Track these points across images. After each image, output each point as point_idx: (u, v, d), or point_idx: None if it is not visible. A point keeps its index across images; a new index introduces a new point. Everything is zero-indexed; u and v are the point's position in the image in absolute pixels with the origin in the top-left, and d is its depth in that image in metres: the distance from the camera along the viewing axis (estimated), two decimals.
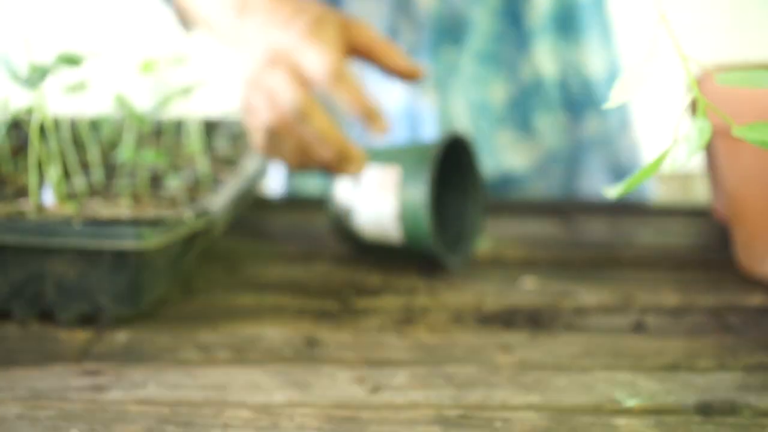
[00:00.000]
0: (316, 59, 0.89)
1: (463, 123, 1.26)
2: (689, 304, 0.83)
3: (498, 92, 1.29)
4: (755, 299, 0.84)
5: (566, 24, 1.32)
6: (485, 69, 1.29)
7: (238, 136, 1.15)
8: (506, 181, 1.29)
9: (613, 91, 0.53)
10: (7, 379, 0.65)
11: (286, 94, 0.89)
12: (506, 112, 1.30)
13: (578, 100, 1.31)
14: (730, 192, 0.92)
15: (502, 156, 1.29)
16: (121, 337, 0.73)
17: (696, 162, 0.89)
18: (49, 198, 0.82)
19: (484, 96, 1.28)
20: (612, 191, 0.54)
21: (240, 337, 0.74)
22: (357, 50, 0.96)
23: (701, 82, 0.92)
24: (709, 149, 1.03)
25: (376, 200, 0.87)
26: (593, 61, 1.34)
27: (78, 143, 1.01)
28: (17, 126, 1.08)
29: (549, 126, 1.30)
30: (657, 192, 1.47)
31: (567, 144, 1.31)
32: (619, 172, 1.34)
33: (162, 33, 2.66)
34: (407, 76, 0.97)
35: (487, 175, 1.19)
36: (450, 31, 1.28)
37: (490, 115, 1.28)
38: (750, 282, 0.88)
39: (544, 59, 1.30)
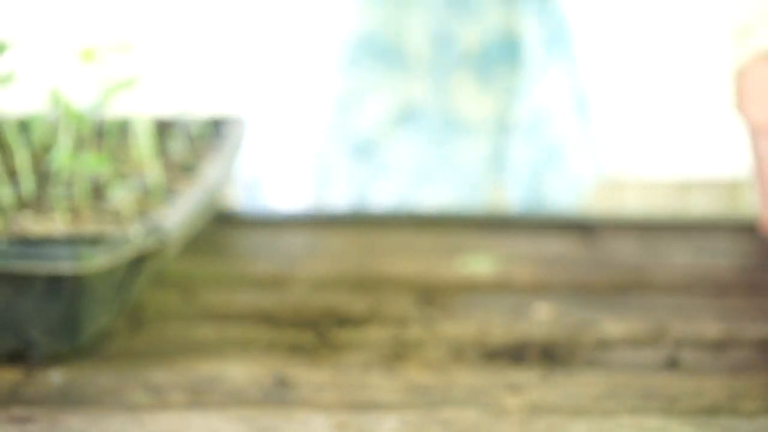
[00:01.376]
0: None
1: None
2: (733, 336, 0.79)
3: None
4: None
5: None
6: None
7: (196, 138, 1.13)
8: None
9: None
10: None
11: None
12: None
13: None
14: None
15: None
16: (55, 377, 0.69)
17: (742, 167, 0.84)
18: None
19: None
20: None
21: (198, 377, 0.70)
22: None
23: (750, 73, 0.91)
24: (757, 151, 1.02)
25: None
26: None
27: (4, 146, 0.98)
28: None
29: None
30: (698, 202, 1.46)
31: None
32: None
33: (104, 17, 2.60)
34: None
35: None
36: None
37: None
38: None
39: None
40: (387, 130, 1.38)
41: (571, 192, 1.47)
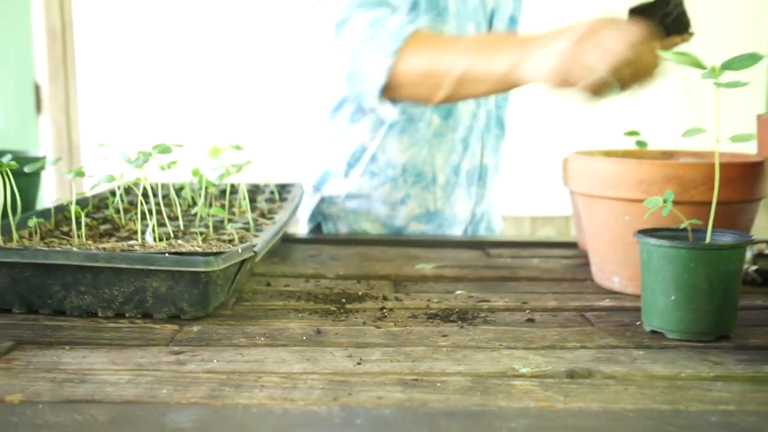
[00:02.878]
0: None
1: None
2: (562, 306, 0.83)
3: None
4: (605, 303, 0.84)
5: None
6: None
7: (273, 198, 1.15)
8: None
9: None
10: (122, 356, 0.64)
11: (616, 46, 0.90)
12: None
13: None
14: (588, 232, 0.92)
15: None
16: (195, 329, 0.73)
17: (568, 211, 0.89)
18: (149, 238, 0.82)
19: None
20: None
21: (272, 328, 0.73)
22: None
23: (570, 161, 0.93)
24: (574, 205, 1.05)
25: None
26: None
27: (168, 202, 1.01)
28: (128, 191, 1.09)
29: None
30: (544, 231, 1.47)
31: None
32: None
33: (225, 128, 2.67)
34: None
35: None
36: None
37: None
38: (602, 292, 0.89)
39: None
40: None
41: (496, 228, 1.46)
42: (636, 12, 1.04)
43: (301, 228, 1.41)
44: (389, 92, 1.10)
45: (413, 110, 1.24)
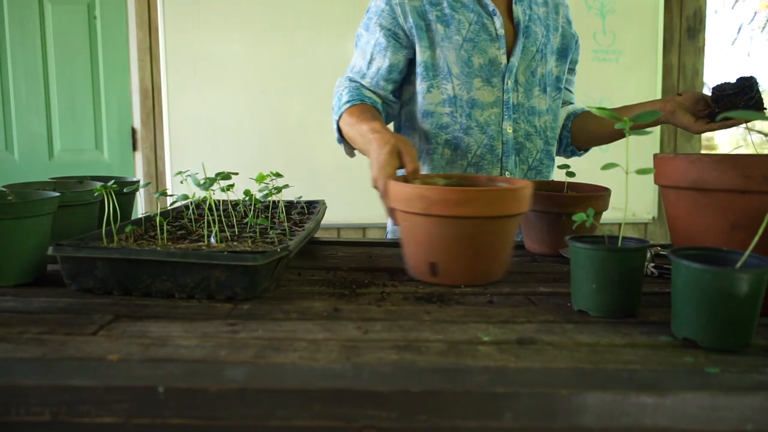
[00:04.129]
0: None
1: None
2: (514, 291, 0.81)
3: None
4: (544, 289, 0.82)
5: None
6: None
7: (303, 212, 1.13)
8: None
9: None
10: (192, 327, 0.63)
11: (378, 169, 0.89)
12: None
13: None
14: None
15: None
16: (246, 307, 0.72)
17: None
18: (213, 240, 0.82)
19: None
20: None
21: (302, 307, 0.72)
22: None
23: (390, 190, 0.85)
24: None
25: None
26: None
27: (227, 214, 1.01)
28: (198, 206, 1.09)
29: None
30: None
31: None
32: None
33: (270, 161, 2.66)
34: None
35: None
36: None
37: None
38: (543, 281, 0.86)
39: None
40: None
41: None
42: (724, 97, 1.01)
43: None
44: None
45: (428, 146, 1.21)
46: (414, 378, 0.51)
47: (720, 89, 1.03)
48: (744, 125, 1.00)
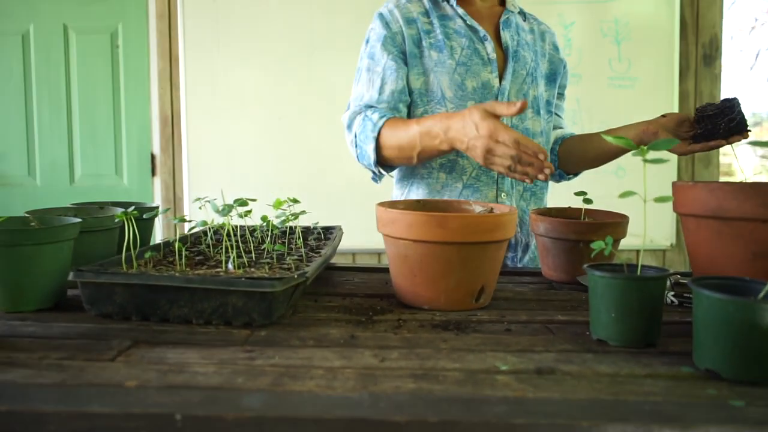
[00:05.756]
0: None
1: None
2: (532, 319, 0.81)
3: None
4: (562, 317, 0.82)
5: None
6: None
7: (320, 237, 1.13)
8: None
9: None
10: (209, 353, 0.63)
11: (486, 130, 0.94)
12: None
13: None
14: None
15: None
16: (262, 333, 0.72)
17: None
18: (230, 266, 0.82)
19: None
20: None
21: (318, 334, 0.72)
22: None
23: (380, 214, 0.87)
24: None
25: None
26: None
27: (244, 240, 1.01)
28: (216, 232, 1.09)
29: None
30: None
31: None
32: None
33: (286, 187, 2.68)
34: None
35: None
36: None
37: None
38: (560, 308, 0.86)
39: None
40: None
41: None
42: (705, 118, 1.02)
43: None
44: (383, 161, 1.15)
45: (423, 170, 1.23)
46: (432, 408, 0.51)
47: (702, 110, 1.03)
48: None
